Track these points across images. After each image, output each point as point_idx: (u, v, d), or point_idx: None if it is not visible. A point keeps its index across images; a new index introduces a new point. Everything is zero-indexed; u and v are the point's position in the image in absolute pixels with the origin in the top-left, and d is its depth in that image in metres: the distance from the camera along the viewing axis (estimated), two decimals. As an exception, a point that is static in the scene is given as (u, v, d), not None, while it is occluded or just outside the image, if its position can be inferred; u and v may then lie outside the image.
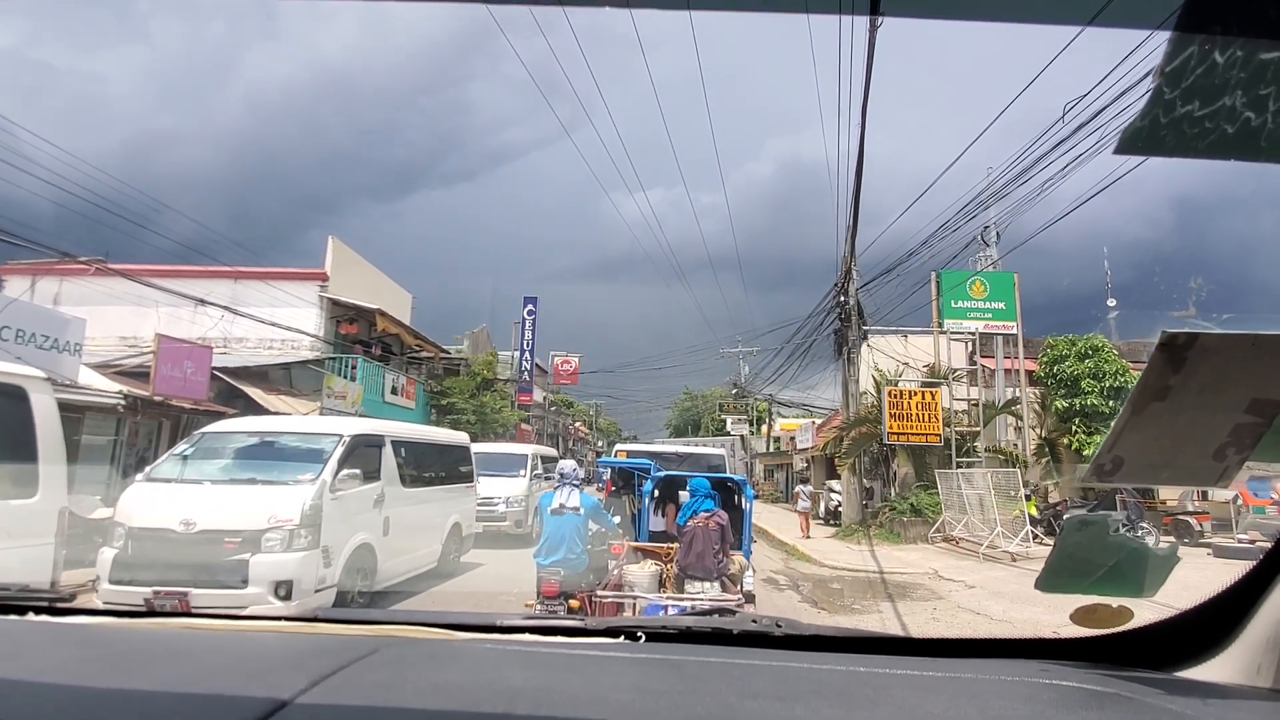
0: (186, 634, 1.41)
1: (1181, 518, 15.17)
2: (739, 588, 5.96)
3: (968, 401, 18.45)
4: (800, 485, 20.32)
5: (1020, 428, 19.16)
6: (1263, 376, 0.86)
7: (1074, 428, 18.01)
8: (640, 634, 1.38)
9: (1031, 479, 17.21)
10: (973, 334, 18.51)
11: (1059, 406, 18.36)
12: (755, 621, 1.47)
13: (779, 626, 1.43)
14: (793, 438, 35.01)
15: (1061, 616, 1.46)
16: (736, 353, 39.50)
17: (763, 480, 38.77)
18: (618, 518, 7.47)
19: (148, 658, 1.19)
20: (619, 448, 15.44)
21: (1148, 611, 1.25)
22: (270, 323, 16.58)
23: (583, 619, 1.60)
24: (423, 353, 24.63)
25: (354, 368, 18.49)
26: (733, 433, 40.75)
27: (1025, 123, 12.23)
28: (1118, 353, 18.70)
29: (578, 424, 57.46)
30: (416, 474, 8.90)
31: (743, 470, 33.73)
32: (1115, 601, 1.22)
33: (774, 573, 11.75)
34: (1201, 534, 14.58)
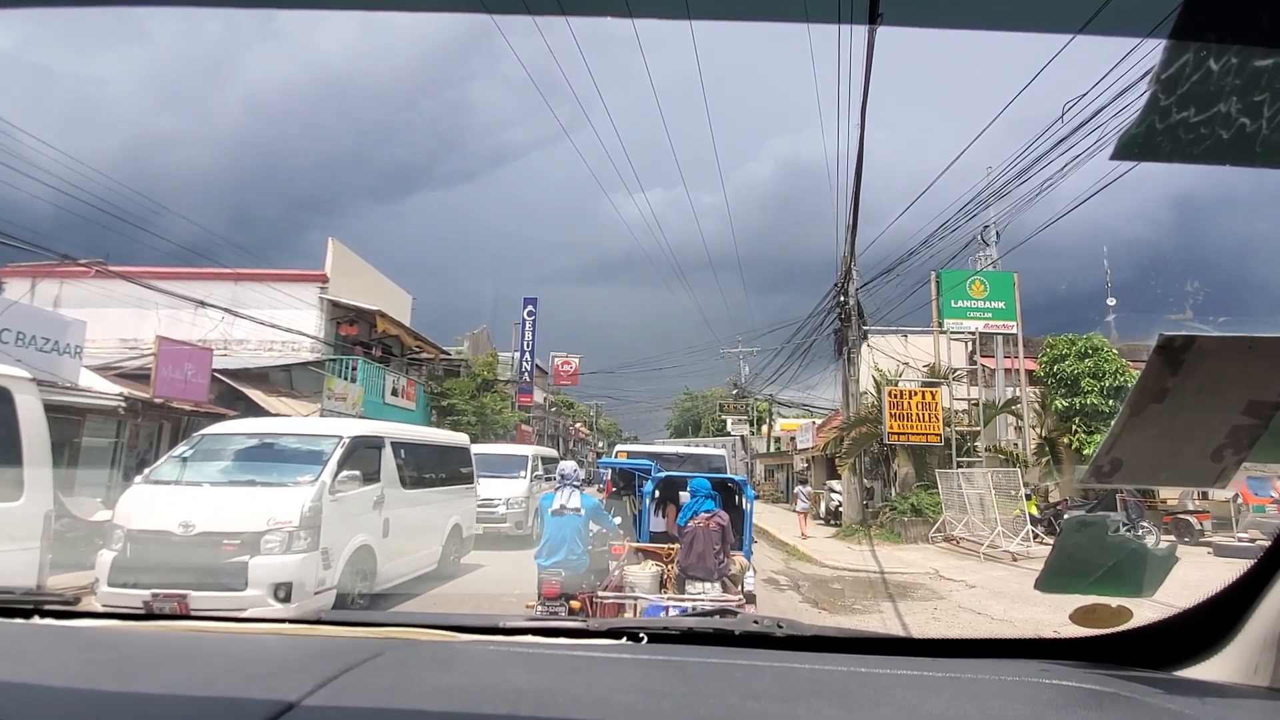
0: (190, 637, 1.41)
1: (1182, 517, 15.18)
2: (740, 588, 5.96)
3: (968, 401, 18.46)
4: (799, 486, 20.34)
5: (1020, 427, 19.15)
6: (1259, 378, 0.87)
7: (1074, 427, 18.00)
8: (642, 635, 1.38)
9: (1032, 478, 17.20)
10: (973, 334, 18.50)
11: (1059, 406, 18.34)
12: (757, 622, 1.48)
13: (780, 627, 1.43)
14: (793, 438, 34.99)
15: (1062, 616, 1.46)
16: (736, 353, 39.53)
17: (763, 480, 38.76)
18: (618, 519, 7.47)
19: (153, 661, 1.19)
20: (619, 448, 15.45)
21: (1148, 611, 1.25)
22: (270, 324, 16.56)
23: (584, 620, 1.61)
24: (423, 354, 24.63)
25: (354, 369, 18.50)
26: (733, 433, 40.75)
27: (1025, 122, 12.26)
28: (1117, 352, 18.71)
29: (578, 425, 57.51)
30: (416, 475, 8.88)
31: (743, 471, 33.76)
32: (1115, 601, 1.23)
33: (775, 573, 11.74)
34: (1202, 533, 14.57)
